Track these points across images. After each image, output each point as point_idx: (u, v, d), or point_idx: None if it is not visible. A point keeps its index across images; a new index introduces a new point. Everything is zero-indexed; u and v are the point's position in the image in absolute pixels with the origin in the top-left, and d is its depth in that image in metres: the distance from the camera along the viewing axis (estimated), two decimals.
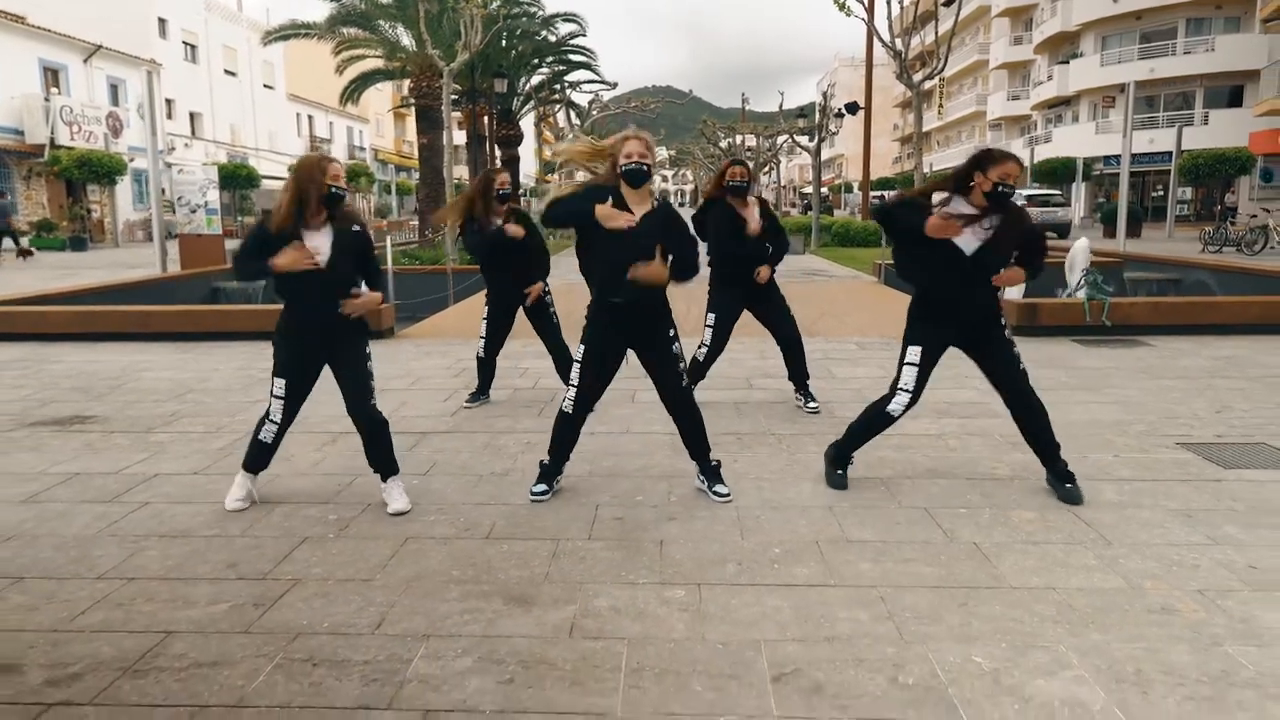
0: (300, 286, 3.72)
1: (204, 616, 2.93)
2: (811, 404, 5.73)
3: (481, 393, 6.08)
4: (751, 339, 8.44)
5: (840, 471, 4.23)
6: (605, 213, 3.71)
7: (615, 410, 5.72)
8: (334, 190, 3.69)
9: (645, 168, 3.79)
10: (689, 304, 3.87)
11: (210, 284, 14.59)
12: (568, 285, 7.99)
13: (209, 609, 2.98)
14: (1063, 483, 4.02)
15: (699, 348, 5.67)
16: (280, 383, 3.88)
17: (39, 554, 3.47)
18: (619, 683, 2.51)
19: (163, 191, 18.94)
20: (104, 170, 28.67)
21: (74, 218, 29.04)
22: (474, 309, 11.17)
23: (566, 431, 4.10)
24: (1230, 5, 36.11)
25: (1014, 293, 11.86)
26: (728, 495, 4.05)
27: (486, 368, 6.01)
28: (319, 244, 3.71)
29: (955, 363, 7.33)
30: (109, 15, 33.51)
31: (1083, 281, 9.55)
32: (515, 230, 5.59)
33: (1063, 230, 25.99)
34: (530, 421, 5.53)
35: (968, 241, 3.80)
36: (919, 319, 4.05)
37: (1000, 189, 3.71)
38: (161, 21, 36.83)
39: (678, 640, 2.75)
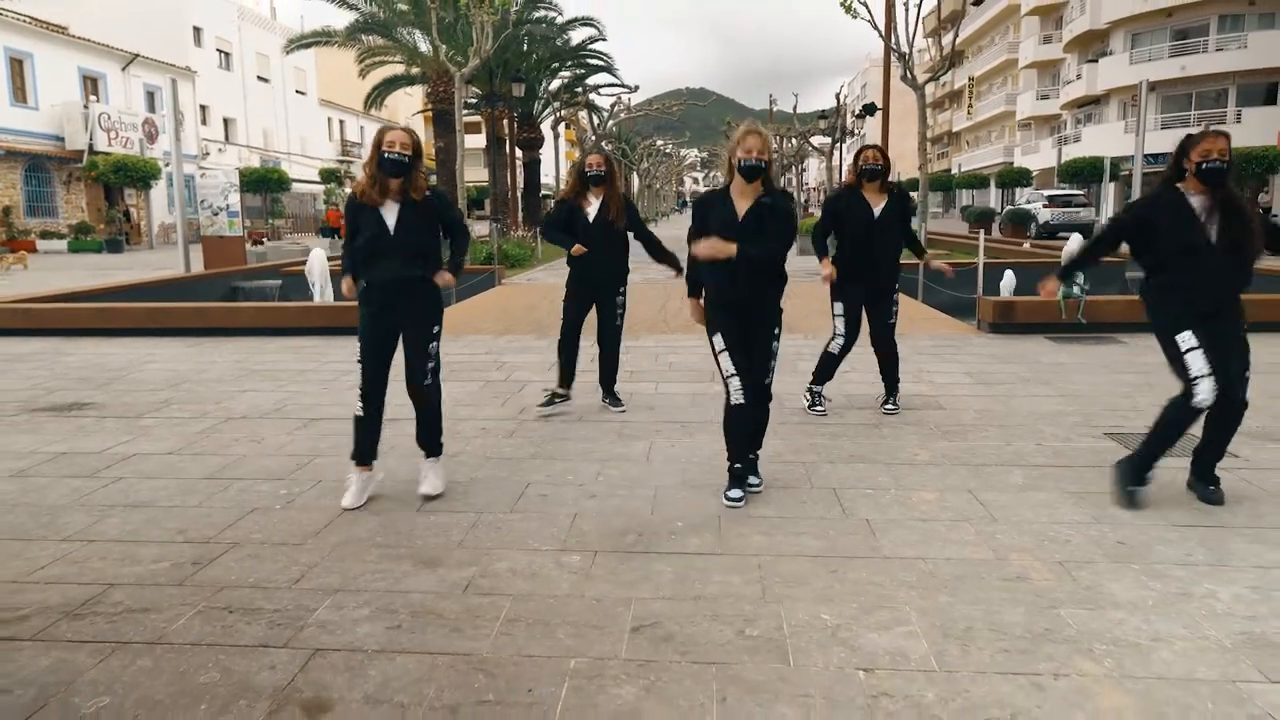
0: (369, 253, 3.96)
1: (146, 573, 3.28)
2: (889, 405, 5.70)
3: (564, 385, 5.79)
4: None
5: (1134, 489, 3.88)
6: (705, 249, 3.83)
7: (578, 400, 6.01)
8: (385, 155, 3.88)
9: (762, 164, 3.86)
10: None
11: (229, 283, 15.16)
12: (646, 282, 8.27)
13: (151, 566, 3.33)
14: (1206, 485, 3.97)
15: (831, 340, 5.64)
16: (357, 346, 4.09)
17: (15, 520, 3.85)
18: (493, 630, 2.80)
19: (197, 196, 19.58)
20: (139, 175, 29.67)
21: (110, 221, 30.08)
22: (482, 306, 11.53)
23: (745, 423, 3.99)
24: (1265, 1, 35.47)
25: (1005, 291, 11.97)
26: (757, 487, 4.13)
27: (567, 350, 5.74)
28: (389, 214, 3.94)
29: (913, 356, 7.55)
30: (146, 25, 34.63)
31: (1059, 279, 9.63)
32: (578, 249, 5.52)
33: (1085, 231, 25.78)
34: (491, 410, 5.84)
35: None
36: (1169, 307, 3.84)
37: (1205, 166, 3.63)
38: (196, 30, 37.93)
39: (558, 597, 3.04)
